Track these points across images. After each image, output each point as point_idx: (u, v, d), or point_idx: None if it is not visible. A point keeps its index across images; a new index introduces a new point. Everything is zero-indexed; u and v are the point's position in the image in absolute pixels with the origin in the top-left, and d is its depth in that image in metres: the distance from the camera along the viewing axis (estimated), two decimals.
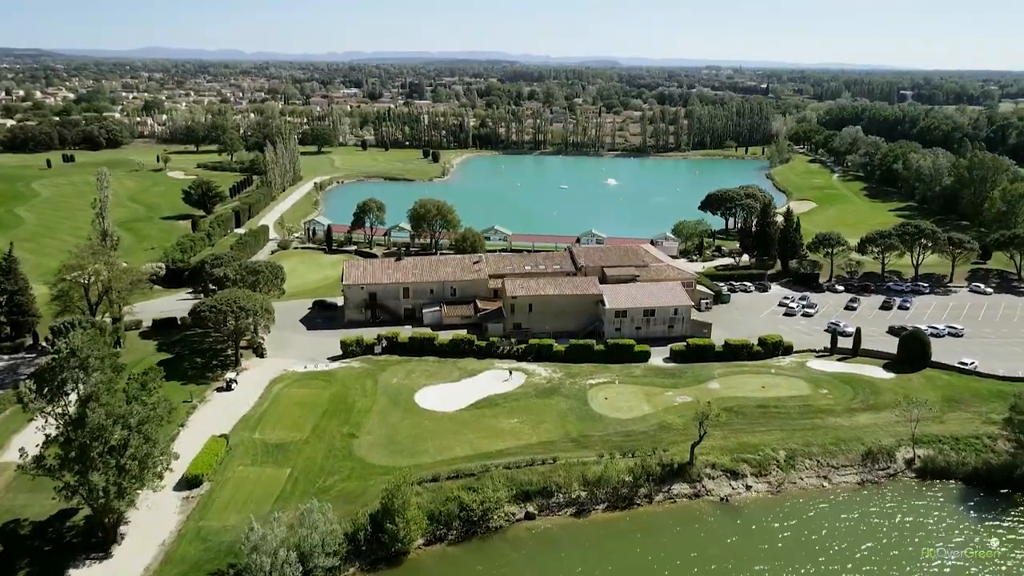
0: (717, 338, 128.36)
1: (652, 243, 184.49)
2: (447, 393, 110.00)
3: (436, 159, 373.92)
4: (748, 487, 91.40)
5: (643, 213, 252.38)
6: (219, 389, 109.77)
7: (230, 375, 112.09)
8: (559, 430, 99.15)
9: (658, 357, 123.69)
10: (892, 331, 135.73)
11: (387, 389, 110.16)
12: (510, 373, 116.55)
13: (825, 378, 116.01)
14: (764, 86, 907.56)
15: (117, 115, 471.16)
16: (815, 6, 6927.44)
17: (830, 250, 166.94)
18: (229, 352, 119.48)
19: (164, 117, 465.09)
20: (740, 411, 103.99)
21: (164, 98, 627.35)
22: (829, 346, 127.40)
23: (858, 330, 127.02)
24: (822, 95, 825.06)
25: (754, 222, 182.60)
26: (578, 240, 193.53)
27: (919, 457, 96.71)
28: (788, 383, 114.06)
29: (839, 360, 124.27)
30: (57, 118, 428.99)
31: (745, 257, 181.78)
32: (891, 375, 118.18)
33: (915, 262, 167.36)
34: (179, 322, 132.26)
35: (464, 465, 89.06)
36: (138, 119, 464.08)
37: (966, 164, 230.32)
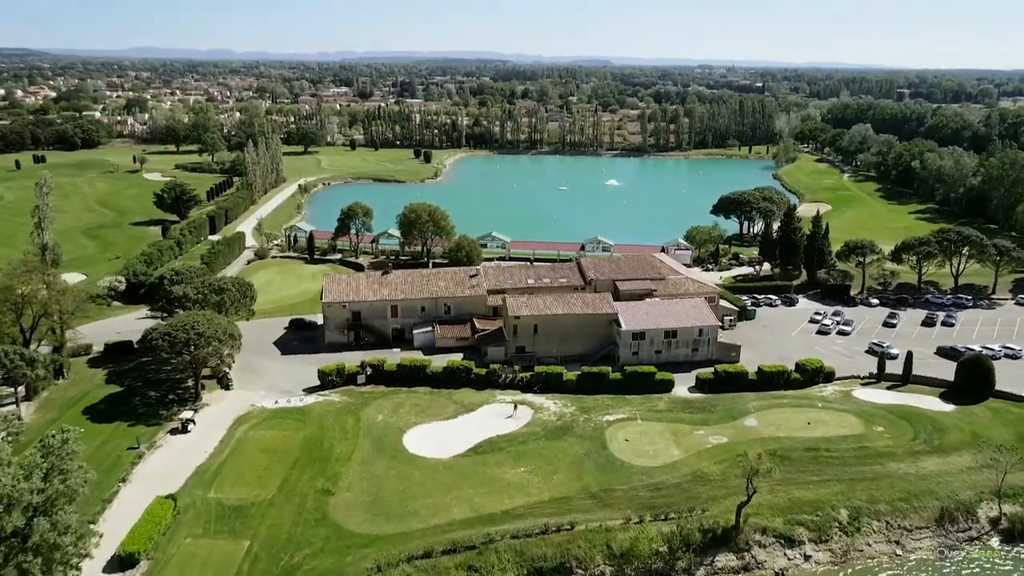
0: (747, 362, 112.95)
1: (663, 250, 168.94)
2: (441, 434, 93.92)
3: (428, 159, 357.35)
4: (807, 556, 75.58)
5: (650, 217, 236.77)
6: (173, 431, 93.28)
7: (187, 414, 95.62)
8: (575, 483, 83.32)
9: (682, 386, 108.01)
10: (941, 352, 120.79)
11: (371, 430, 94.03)
12: (514, 407, 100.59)
13: (877, 412, 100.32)
14: (759, 85, 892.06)
15: (97, 114, 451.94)
16: (808, 6, 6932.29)
17: (862, 259, 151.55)
18: (189, 383, 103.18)
19: (145, 116, 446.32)
20: (786, 456, 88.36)
21: (149, 97, 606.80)
22: (876, 371, 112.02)
23: (909, 354, 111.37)
24: (819, 93, 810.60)
25: (776, 227, 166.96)
26: (583, 248, 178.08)
27: (1005, 516, 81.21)
28: (836, 419, 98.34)
29: (888, 388, 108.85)
30: (32, 117, 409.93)
31: (766, 266, 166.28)
32: (951, 407, 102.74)
33: (956, 272, 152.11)
34: (135, 346, 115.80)
35: (463, 533, 73.12)
36: (118, 118, 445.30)
37: (997, 164, 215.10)
